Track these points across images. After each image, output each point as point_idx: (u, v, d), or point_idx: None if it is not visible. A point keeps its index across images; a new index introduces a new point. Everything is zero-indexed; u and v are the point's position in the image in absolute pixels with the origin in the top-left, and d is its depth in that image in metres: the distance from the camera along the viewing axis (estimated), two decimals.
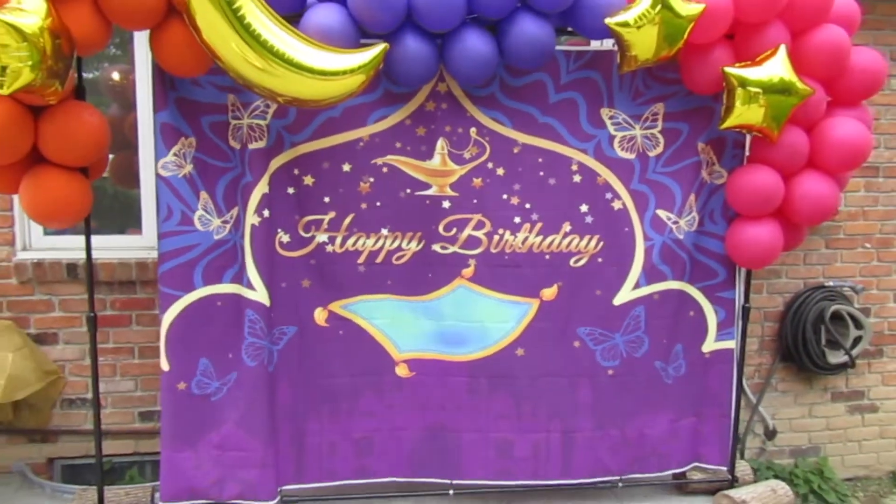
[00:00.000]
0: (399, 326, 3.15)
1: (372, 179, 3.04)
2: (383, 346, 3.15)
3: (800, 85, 2.81)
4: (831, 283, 3.95)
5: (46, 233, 3.45)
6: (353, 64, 2.55)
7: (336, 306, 3.10)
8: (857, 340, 3.88)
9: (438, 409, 3.19)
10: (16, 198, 3.31)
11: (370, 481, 3.19)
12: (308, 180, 3.00)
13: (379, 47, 2.59)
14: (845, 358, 3.87)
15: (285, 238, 3.02)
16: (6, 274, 3.39)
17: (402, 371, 3.17)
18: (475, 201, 3.11)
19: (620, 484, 3.28)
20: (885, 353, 4.12)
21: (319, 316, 3.10)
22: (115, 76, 3.60)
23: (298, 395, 3.10)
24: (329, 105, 2.73)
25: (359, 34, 2.70)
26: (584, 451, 3.25)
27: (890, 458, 4.19)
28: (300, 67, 2.49)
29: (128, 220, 3.56)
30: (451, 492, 3.21)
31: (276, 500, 3.05)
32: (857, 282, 4.00)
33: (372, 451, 3.18)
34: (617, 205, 3.19)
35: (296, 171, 2.99)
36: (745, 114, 2.85)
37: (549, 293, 3.20)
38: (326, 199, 3.02)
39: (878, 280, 4.07)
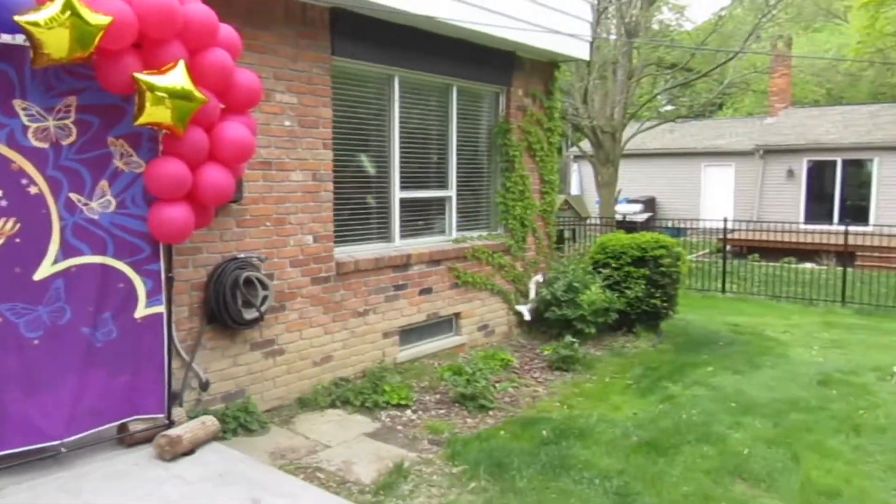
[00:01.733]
0: None
1: None
2: None
3: (197, 93, 3.49)
4: (243, 255, 4.84)
5: None
6: None
7: None
8: (265, 299, 4.88)
9: None
10: None
11: None
12: None
13: None
14: (257, 314, 4.83)
15: None
16: None
17: None
18: None
19: (64, 449, 3.48)
20: (286, 307, 5.24)
21: None
22: None
23: None
24: None
25: None
26: (17, 420, 3.37)
27: (296, 387, 5.34)
28: None
29: None
30: None
31: None
32: (263, 253, 5.00)
33: None
34: (33, 190, 3.39)
35: None
36: (155, 113, 3.41)
37: None
38: None
39: (277, 251, 5.14)
